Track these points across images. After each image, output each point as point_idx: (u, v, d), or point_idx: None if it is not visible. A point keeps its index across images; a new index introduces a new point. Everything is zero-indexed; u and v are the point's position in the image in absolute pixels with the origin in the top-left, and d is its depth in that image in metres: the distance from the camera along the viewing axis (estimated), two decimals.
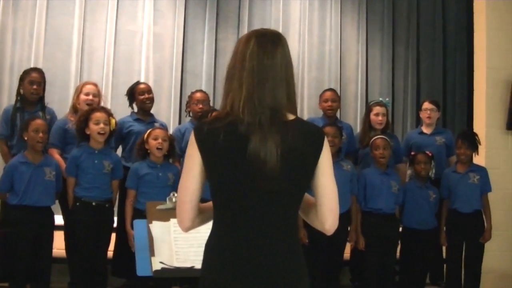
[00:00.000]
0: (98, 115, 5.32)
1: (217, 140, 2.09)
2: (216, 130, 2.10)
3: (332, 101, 6.46)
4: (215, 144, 2.10)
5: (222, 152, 2.11)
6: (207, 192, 2.24)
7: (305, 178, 2.19)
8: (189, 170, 2.20)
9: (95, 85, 6.10)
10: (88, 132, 5.33)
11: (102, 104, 6.01)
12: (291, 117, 2.17)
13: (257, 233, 2.13)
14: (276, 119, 2.10)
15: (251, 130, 2.07)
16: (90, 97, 5.85)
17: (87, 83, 6.10)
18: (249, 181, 2.09)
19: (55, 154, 5.67)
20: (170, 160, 5.74)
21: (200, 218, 2.27)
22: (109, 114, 5.44)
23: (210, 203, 2.29)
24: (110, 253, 5.78)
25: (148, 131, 5.54)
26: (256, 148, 2.05)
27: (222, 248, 2.16)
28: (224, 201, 2.18)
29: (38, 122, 5.25)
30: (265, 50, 2.14)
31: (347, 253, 6.17)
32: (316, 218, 2.25)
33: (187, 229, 2.29)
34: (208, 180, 2.19)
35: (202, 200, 2.29)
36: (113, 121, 5.43)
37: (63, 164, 5.52)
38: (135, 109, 6.31)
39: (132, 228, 5.21)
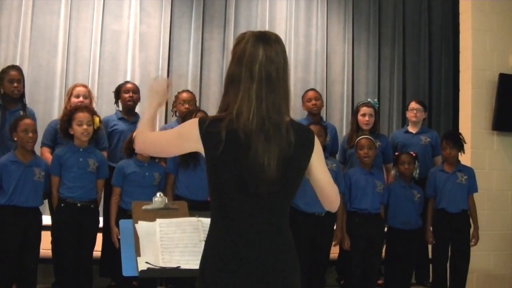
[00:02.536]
0: (80, 115, 5.26)
1: (218, 145, 2.17)
2: (217, 132, 2.18)
3: (316, 99, 6.49)
4: (216, 149, 2.18)
5: (223, 158, 2.19)
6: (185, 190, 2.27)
7: (298, 180, 2.33)
8: (178, 142, 2.37)
9: (85, 86, 6.09)
10: (72, 132, 5.30)
11: (94, 104, 5.99)
12: (287, 118, 2.26)
13: (256, 234, 2.22)
14: (280, 130, 2.20)
15: (254, 140, 2.16)
16: (81, 99, 5.82)
17: (77, 85, 6.05)
18: (249, 186, 2.18)
19: (47, 153, 5.65)
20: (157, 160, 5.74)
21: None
22: (92, 113, 5.39)
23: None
24: (98, 254, 5.76)
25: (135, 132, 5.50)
26: (257, 157, 2.15)
27: (223, 248, 2.22)
28: (224, 203, 2.25)
29: (27, 122, 5.20)
30: (272, 63, 2.22)
31: (334, 253, 6.17)
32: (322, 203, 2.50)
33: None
34: (208, 181, 2.27)
35: (176, 197, 2.36)
36: (96, 119, 5.38)
37: None
38: (120, 107, 6.28)
39: (117, 226, 5.21)
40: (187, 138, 2.29)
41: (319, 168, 2.38)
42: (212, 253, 2.25)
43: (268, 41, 2.27)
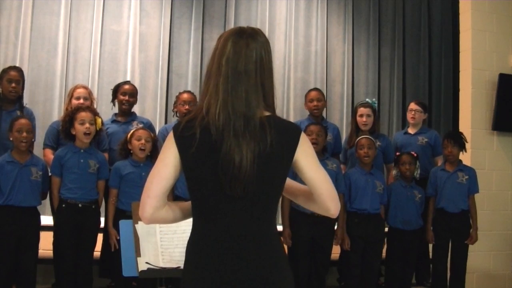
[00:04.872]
0: (83, 115, 5.28)
1: (192, 144, 2.13)
2: (192, 133, 2.14)
3: (318, 100, 6.46)
4: (190, 148, 2.14)
5: (197, 157, 2.14)
6: (184, 190, 2.25)
7: (279, 178, 2.21)
8: (163, 159, 2.22)
9: (86, 87, 6.11)
10: (73, 133, 5.30)
11: (95, 106, 5.99)
12: (266, 113, 2.19)
13: (235, 237, 2.14)
14: (250, 125, 2.12)
15: (224, 136, 2.10)
16: (81, 100, 5.83)
17: (77, 87, 6.06)
18: (223, 186, 2.11)
19: (49, 154, 5.66)
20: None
21: (169, 213, 2.28)
22: (94, 113, 5.40)
23: (188, 203, 2.31)
24: (98, 254, 5.76)
25: (131, 131, 5.50)
26: (229, 154, 2.08)
27: (200, 249, 2.18)
28: (202, 205, 2.19)
29: (22, 122, 5.21)
30: (239, 56, 2.17)
31: (335, 253, 6.16)
32: (318, 207, 2.30)
33: (148, 220, 2.24)
34: (186, 183, 2.22)
35: (176, 197, 2.30)
36: (99, 120, 5.38)
37: None
38: (117, 107, 6.27)
39: (115, 227, 5.21)
40: (168, 147, 2.23)
41: (308, 166, 2.23)
42: (190, 258, 2.21)
43: (240, 35, 2.22)
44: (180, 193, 5.40)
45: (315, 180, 2.24)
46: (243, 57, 2.17)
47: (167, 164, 2.20)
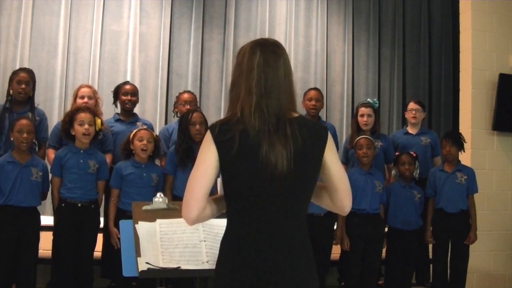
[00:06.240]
0: (82, 116, 5.28)
1: (233, 147, 2.22)
2: (230, 136, 2.23)
3: (316, 100, 6.45)
4: (231, 150, 2.22)
5: (237, 159, 2.22)
6: (183, 191, 2.29)
7: (313, 175, 2.34)
8: (203, 160, 2.29)
9: (90, 87, 6.13)
10: (73, 133, 5.30)
11: (100, 105, 6.00)
12: (294, 115, 2.33)
13: (267, 233, 2.24)
14: (282, 125, 2.25)
15: (261, 136, 2.22)
16: (85, 99, 5.84)
17: (81, 86, 6.09)
18: (262, 184, 2.21)
19: (52, 154, 5.67)
20: (157, 162, 5.74)
21: (208, 211, 2.35)
22: (94, 114, 5.40)
23: (217, 196, 2.42)
24: (98, 254, 5.76)
25: (134, 132, 5.49)
26: (267, 154, 2.20)
27: (235, 247, 2.26)
28: (238, 204, 2.28)
29: (22, 122, 5.20)
30: (269, 63, 2.31)
31: (335, 253, 6.16)
32: (332, 204, 2.50)
33: (193, 221, 2.33)
34: (223, 185, 2.31)
35: (174, 197, 2.34)
36: (98, 121, 5.39)
37: None
38: (119, 108, 6.28)
39: (116, 227, 5.21)
40: (207, 149, 2.29)
41: (333, 161, 2.38)
42: (226, 256, 2.28)
43: (265, 44, 2.36)
44: (179, 192, 5.40)
45: (338, 176, 2.41)
46: (273, 63, 2.31)
47: (208, 166, 2.28)
